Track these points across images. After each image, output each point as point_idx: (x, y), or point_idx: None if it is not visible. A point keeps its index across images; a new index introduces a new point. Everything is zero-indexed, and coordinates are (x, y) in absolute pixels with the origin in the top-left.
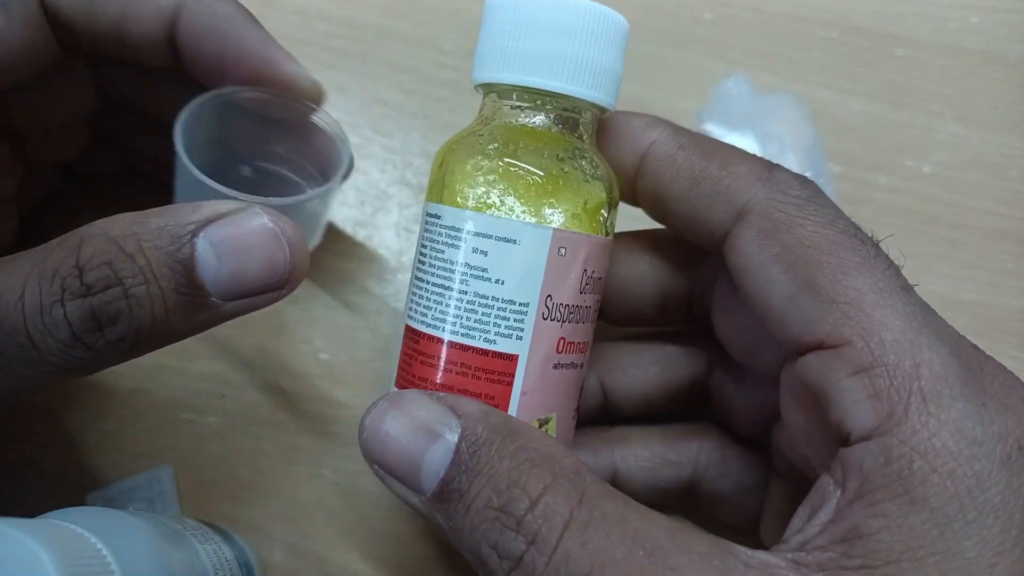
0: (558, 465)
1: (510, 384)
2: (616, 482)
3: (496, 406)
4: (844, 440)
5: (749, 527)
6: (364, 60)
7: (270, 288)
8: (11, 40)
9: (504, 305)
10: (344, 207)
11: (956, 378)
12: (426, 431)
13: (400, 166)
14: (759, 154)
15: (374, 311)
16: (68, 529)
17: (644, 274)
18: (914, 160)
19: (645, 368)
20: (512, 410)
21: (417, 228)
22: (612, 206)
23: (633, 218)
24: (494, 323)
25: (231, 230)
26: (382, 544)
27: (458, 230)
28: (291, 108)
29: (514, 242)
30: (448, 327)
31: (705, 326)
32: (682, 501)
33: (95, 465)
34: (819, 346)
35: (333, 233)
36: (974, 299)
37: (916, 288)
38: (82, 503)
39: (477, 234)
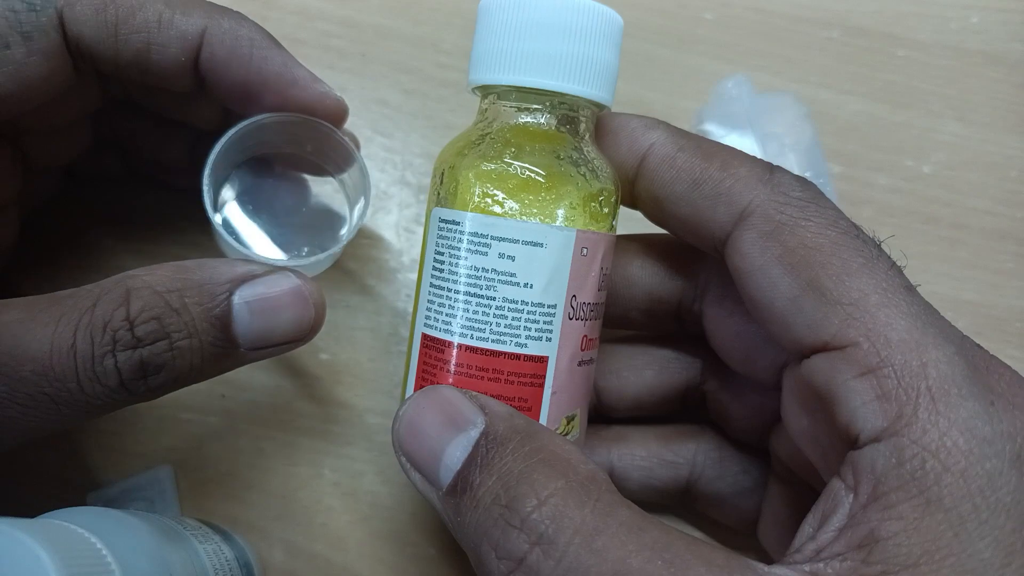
0: (573, 470)
1: (541, 386)
2: (612, 480)
3: (529, 408)
4: (853, 442)
5: (746, 529)
6: (364, 60)
7: (293, 341)
8: (31, 73)
9: (533, 308)
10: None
11: (963, 377)
12: (453, 425)
13: (400, 166)
14: (759, 154)
15: (374, 311)
16: (68, 529)
17: (632, 277)
18: (914, 160)
19: (639, 371)
20: (544, 410)
21: (418, 229)
22: (617, 202)
23: (630, 219)
24: (524, 327)
25: (264, 290)
26: (382, 544)
27: (482, 236)
28: (312, 128)
29: (541, 245)
30: (477, 334)
31: (696, 333)
32: (678, 502)
33: (95, 465)
34: (824, 348)
35: None
36: (974, 299)
37: (916, 288)
38: (82, 503)
39: (503, 239)
